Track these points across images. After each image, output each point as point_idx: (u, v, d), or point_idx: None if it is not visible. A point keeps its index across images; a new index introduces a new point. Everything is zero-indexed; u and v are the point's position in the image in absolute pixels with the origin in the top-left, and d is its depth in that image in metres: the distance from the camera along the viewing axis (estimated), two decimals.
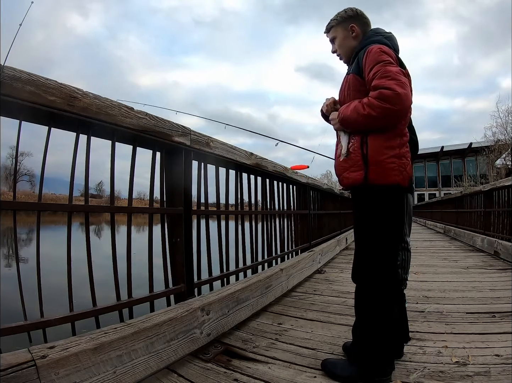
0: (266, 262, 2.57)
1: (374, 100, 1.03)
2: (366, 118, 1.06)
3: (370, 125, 1.09)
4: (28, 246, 7.68)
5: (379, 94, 1.02)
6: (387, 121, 1.07)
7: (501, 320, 1.68)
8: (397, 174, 1.09)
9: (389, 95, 1.01)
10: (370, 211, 1.14)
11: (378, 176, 1.09)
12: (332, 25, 1.30)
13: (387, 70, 1.04)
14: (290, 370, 1.25)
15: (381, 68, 1.06)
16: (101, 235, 13.20)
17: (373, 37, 1.21)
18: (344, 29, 1.27)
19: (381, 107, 1.02)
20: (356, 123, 1.11)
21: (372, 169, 1.09)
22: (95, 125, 1.24)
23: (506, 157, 16.50)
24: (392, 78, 1.02)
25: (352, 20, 1.26)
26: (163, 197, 1.64)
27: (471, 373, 1.16)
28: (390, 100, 1.01)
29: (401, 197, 1.16)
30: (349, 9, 1.28)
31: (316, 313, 1.95)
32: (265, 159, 2.49)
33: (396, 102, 1.01)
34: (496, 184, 4.52)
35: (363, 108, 1.06)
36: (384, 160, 1.08)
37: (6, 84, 0.95)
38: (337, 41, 1.30)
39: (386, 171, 1.09)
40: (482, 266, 3.29)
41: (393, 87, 1.00)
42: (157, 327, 1.21)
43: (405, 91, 1.01)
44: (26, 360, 0.85)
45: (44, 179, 1.17)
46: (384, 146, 1.09)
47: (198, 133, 1.74)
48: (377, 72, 1.06)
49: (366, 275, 1.17)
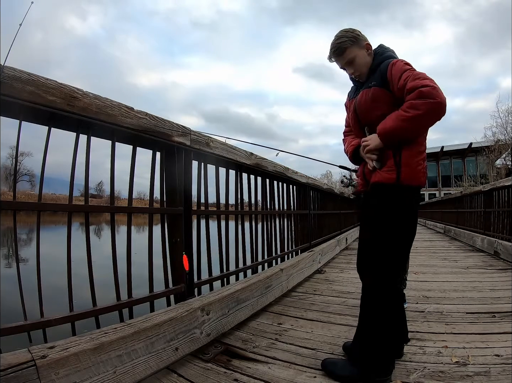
0: (266, 262, 2.57)
1: (415, 100, 1.08)
2: (412, 121, 1.09)
3: (418, 126, 1.13)
4: (28, 246, 7.68)
5: (419, 93, 1.07)
6: (434, 116, 1.10)
7: (501, 320, 1.68)
8: (422, 175, 1.19)
9: (428, 91, 1.06)
10: (396, 209, 1.18)
11: (409, 177, 1.16)
12: (346, 46, 1.28)
13: (417, 73, 1.12)
14: (290, 370, 1.25)
15: (410, 73, 1.12)
16: (101, 235, 13.19)
17: (386, 53, 1.29)
18: (360, 48, 1.28)
19: (425, 104, 1.06)
20: (403, 130, 1.13)
21: (404, 170, 1.16)
22: (95, 125, 1.24)
23: (506, 157, 16.51)
24: (423, 78, 1.10)
25: (363, 39, 1.30)
26: (163, 197, 1.64)
27: (471, 373, 1.16)
28: (431, 95, 1.05)
29: (418, 199, 1.25)
30: (352, 30, 1.30)
31: (316, 313, 1.95)
32: (265, 159, 2.49)
33: (436, 95, 1.06)
34: (496, 184, 4.52)
35: (406, 112, 1.09)
36: (415, 162, 1.17)
37: (6, 84, 0.95)
38: (357, 61, 1.28)
39: (416, 173, 1.17)
40: (482, 266, 3.29)
41: (428, 83, 1.07)
42: (157, 327, 1.21)
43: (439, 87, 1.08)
44: (26, 360, 0.85)
45: (44, 179, 1.17)
46: (415, 151, 1.17)
47: (198, 133, 1.74)
48: (407, 77, 1.12)
49: (377, 271, 1.19)
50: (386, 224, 1.17)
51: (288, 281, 2.44)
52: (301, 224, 3.54)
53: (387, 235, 1.17)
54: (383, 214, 1.19)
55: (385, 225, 1.17)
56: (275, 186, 2.87)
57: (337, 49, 1.28)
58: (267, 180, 2.70)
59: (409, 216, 1.21)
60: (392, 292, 1.19)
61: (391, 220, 1.17)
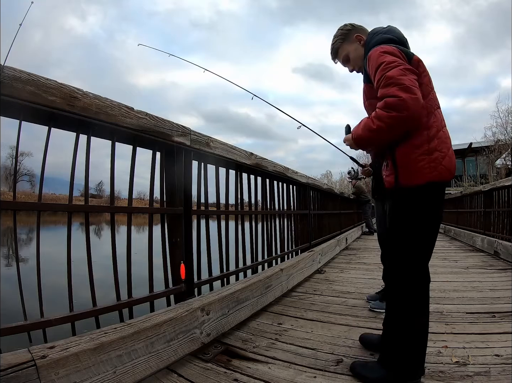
0: (266, 262, 2.57)
1: (380, 111, 0.99)
2: (378, 133, 1.02)
3: (383, 139, 1.05)
4: (28, 246, 7.68)
5: (384, 104, 0.98)
6: (398, 130, 1.01)
7: (501, 320, 1.67)
8: (429, 171, 1.03)
9: (393, 103, 0.96)
10: (404, 213, 1.10)
11: (407, 178, 1.05)
12: (337, 46, 1.29)
13: (388, 76, 0.99)
14: (290, 370, 1.25)
15: (382, 74, 1.01)
16: (101, 235, 13.19)
17: (373, 39, 1.19)
18: (351, 42, 1.28)
19: (388, 117, 0.97)
20: (371, 140, 1.08)
21: (401, 171, 1.06)
22: (95, 125, 1.24)
23: (506, 157, 16.49)
24: (394, 84, 0.97)
25: (353, 32, 1.27)
26: (163, 197, 1.64)
27: (471, 373, 1.16)
28: (396, 107, 0.95)
29: (438, 194, 1.10)
30: (343, 26, 1.31)
31: (316, 313, 1.95)
32: (265, 159, 2.49)
33: (402, 109, 0.95)
34: (496, 184, 4.52)
35: (372, 123, 1.02)
36: (414, 159, 1.04)
37: (6, 84, 0.95)
38: (351, 56, 1.28)
39: (416, 171, 1.04)
40: (482, 266, 3.29)
41: (396, 93, 0.95)
42: (157, 327, 1.21)
43: (410, 95, 0.95)
44: (26, 360, 0.85)
45: (44, 179, 1.17)
46: (410, 145, 1.04)
47: (198, 133, 1.74)
48: (380, 80, 1.02)
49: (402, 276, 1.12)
50: (401, 228, 1.11)
51: (288, 281, 2.44)
52: (301, 224, 3.54)
53: (404, 239, 1.11)
54: (396, 219, 1.14)
55: (400, 229, 1.12)
56: (275, 186, 2.87)
57: (332, 50, 1.32)
58: (267, 180, 2.71)
59: (421, 217, 1.08)
60: (418, 295, 1.11)
61: (403, 224, 1.11)
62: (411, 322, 1.10)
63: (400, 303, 1.13)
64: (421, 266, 1.12)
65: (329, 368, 1.25)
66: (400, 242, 1.13)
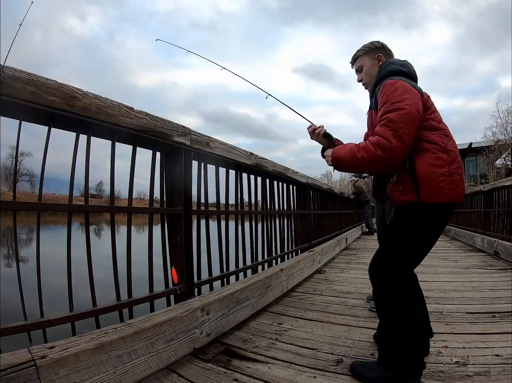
0: (266, 262, 2.58)
1: (370, 145, 1.09)
2: (359, 161, 1.11)
3: (359, 167, 1.17)
4: (28, 246, 7.68)
5: (377, 141, 1.08)
6: (375, 167, 1.13)
7: (501, 320, 1.67)
8: (449, 192, 1.11)
9: (384, 144, 1.06)
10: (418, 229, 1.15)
11: (431, 196, 1.11)
12: (359, 55, 1.38)
13: (391, 119, 1.08)
14: (290, 370, 1.25)
15: (387, 113, 1.10)
16: (101, 235, 13.19)
17: (387, 67, 1.27)
18: (371, 58, 1.35)
19: (373, 153, 1.08)
20: (348, 164, 1.17)
21: (424, 189, 1.11)
22: (95, 125, 1.24)
23: (506, 157, 16.48)
24: (392, 129, 1.07)
25: (378, 51, 1.35)
26: (163, 197, 1.64)
27: (471, 373, 1.16)
28: (384, 149, 1.06)
29: (449, 213, 1.19)
30: (376, 42, 1.38)
31: (316, 313, 1.95)
32: (265, 159, 2.49)
33: (388, 152, 1.06)
34: (496, 184, 4.52)
35: (358, 151, 1.11)
36: (435, 179, 1.10)
37: (6, 84, 0.95)
38: (364, 70, 1.37)
39: (438, 190, 1.10)
40: (482, 266, 3.29)
41: (389, 139, 1.06)
42: (157, 327, 1.21)
43: (400, 145, 1.06)
44: (26, 360, 0.85)
45: (44, 179, 1.17)
46: (432, 165, 1.11)
47: (198, 133, 1.74)
48: (382, 117, 1.11)
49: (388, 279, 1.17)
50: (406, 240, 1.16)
51: (288, 281, 2.44)
52: (301, 224, 3.54)
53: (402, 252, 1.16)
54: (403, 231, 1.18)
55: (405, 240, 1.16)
56: (275, 186, 2.87)
57: (353, 56, 1.41)
58: (267, 180, 2.71)
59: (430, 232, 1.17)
60: (407, 290, 1.16)
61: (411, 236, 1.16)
62: (404, 320, 1.12)
63: (390, 301, 1.16)
64: (411, 270, 1.19)
65: (329, 368, 1.25)
66: (399, 250, 1.17)
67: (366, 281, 2.78)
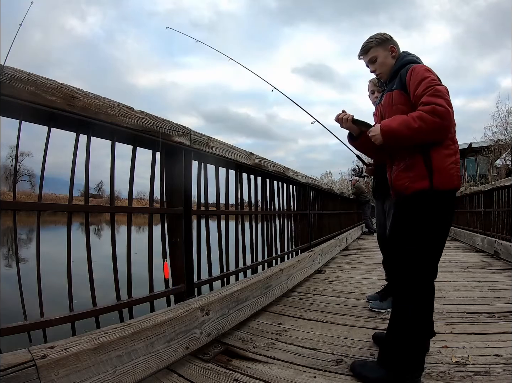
0: (266, 262, 2.57)
1: (426, 114, 1.10)
2: (416, 131, 1.12)
3: (419, 138, 1.15)
4: (28, 246, 7.68)
5: (433, 109, 1.09)
6: (436, 135, 1.14)
7: (501, 320, 1.68)
8: (456, 179, 1.18)
9: (441, 111, 1.09)
10: (433, 216, 1.18)
11: (443, 182, 1.16)
12: (371, 46, 1.39)
13: (438, 89, 1.13)
14: (290, 370, 1.25)
15: (431, 86, 1.14)
16: (101, 235, 13.19)
17: (407, 56, 1.33)
18: (384, 49, 1.37)
19: (433, 122, 1.09)
20: (403, 135, 1.16)
21: (437, 176, 1.15)
22: (95, 125, 1.24)
23: (506, 157, 16.48)
24: (442, 97, 1.11)
25: (390, 42, 1.38)
26: (163, 197, 1.64)
27: (471, 373, 1.16)
28: (442, 115, 1.09)
29: (455, 200, 1.26)
30: (384, 33, 1.40)
31: (316, 313, 1.95)
32: (265, 159, 2.49)
33: (445, 118, 1.10)
34: (496, 184, 4.52)
35: (414, 121, 1.12)
36: (447, 167, 1.16)
37: (6, 84, 0.95)
38: (378, 60, 1.38)
39: (449, 177, 1.16)
40: (482, 266, 3.29)
41: (445, 105, 1.10)
42: (157, 327, 1.21)
43: (452, 111, 1.12)
44: (26, 360, 0.85)
45: (44, 179, 1.17)
46: (445, 154, 1.17)
47: (198, 133, 1.74)
48: (427, 89, 1.13)
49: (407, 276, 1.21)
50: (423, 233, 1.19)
51: (288, 281, 2.44)
52: (301, 224, 3.54)
53: (425, 243, 1.20)
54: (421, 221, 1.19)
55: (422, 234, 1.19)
56: (275, 186, 2.87)
57: (364, 47, 1.40)
58: (267, 180, 2.71)
59: (446, 219, 1.22)
60: (426, 291, 1.21)
61: (427, 228, 1.18)
62: (416, 323, 1.14)
63: (409, 304, 1.17)
64: (435, 265, 1.25)
65: (329, 368, 1.26)
66: (421, 243, 1.19)
67: (366, 281, 2.79)
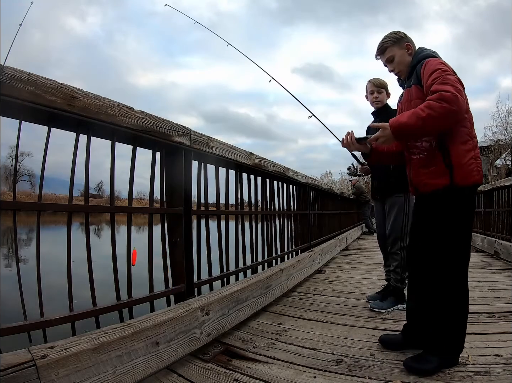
0: (266, 262, 2.57)
1: (433, 101, 1.11)
2: (425, 120, 1.12)
3: (430, 127, 1.15)
4: (28, 246, 7.68)
5: (439, 95, 1.10)
6: (445, 122, 1.13)
7: (501, 320, 1.68)
8: (476, 174, 1.18)
9: (448, 96, 1.09)
10: (456, 212, 1.20)
11: (463, 178, 1.17)
12: (387, 46, 1.41)
13: (446, 78, 1.13)
14: (290, 370, 1.25)
15: (440, 75, 1.14)
16: (101, 235, 13.19)
17: (423, 52, 1.34)
18: (400, 47, 1.39)
19: (440, 107, 1.09)
20: (413, 128, 1.17)
21: (457, 172, 1.16)
22: (95, 125, 1.24)
23: (506, 157, 16.50)
24: (450, 84, 1.11)
25: (405, 40, 1.40)
26: (163, 197, 1.64)
27: (471, 373, 1.16)
28: (449, 100, 1.08)
29: (475, 195, 1.27)
30: (398, 31, 1.43)
31: (316, 313, 1.95)
32: (265, 159, 2.49)
33: (454, 103, 1.08)
34: (496, 184, 4.52)
35: (422, 111, 1.12)
36: (466, 162, 1.17)
37: (6, 84, 0.95)
38: (396, 59, 1.40)
39: (469, 172, 1.17)
40: (482, 266, 3.29)
41: (452, 91, 1.09)
42: (157, 327, 1.21)
43: (462, 97, 1.10)
44: (26, 360, 0.84)
45: (44, 179, 1.17)
46: (463, 150, 1.17)
47: (198, 133, 1.74)
48: (436, 79, 1.14)
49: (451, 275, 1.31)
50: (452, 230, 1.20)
51: (288, 281, 2.44)
52: (301, 224, 3.54)
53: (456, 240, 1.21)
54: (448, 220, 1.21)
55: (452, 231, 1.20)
56: (275, 186, 2.87)
57: (380, 47, 1.43)
58: (267, 180, 2.70)
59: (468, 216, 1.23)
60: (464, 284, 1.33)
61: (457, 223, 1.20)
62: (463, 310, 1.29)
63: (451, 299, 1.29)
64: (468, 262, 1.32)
65: (329, 368, 1.25)
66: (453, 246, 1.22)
67: (366, 281, 2.79)
